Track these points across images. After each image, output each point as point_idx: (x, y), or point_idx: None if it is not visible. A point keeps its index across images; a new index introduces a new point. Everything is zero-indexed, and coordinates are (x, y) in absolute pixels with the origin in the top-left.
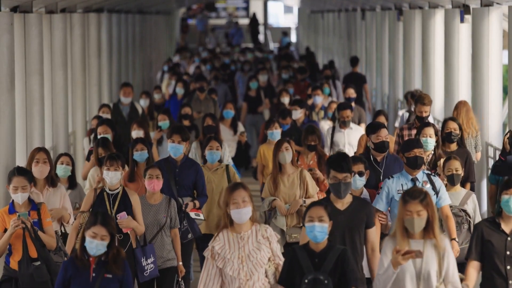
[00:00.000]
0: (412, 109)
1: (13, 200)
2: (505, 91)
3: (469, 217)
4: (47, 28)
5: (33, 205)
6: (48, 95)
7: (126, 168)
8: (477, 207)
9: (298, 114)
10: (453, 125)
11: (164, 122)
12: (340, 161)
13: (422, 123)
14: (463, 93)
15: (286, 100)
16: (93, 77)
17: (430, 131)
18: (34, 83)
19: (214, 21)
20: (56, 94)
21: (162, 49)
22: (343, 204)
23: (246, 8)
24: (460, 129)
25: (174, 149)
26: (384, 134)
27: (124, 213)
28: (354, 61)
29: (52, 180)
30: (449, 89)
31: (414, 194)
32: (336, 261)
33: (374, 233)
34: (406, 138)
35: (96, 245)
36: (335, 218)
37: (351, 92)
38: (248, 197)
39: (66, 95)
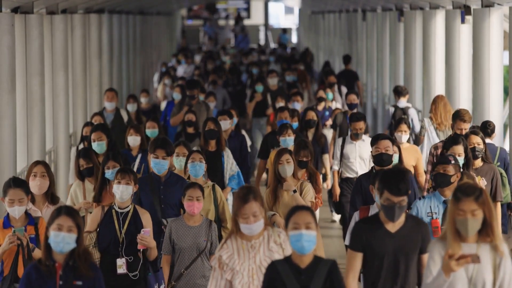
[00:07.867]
0: (398, 104)
1: (8, 213)
2: (505, 91)
3: None
4: (48, 29)
5: (30, 219)
6: (48, 96)
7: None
8: None
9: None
10: (476, 140)
11: (153, 130)
12: (397, 183)
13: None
14: (464, 93)
15: (280, 105)
16: (94, 78)
17: (459, 149)
18: (35, 84)
19: (220, 22)
20: (57, 95)
21: (163, 50)
22: (394, 225)
23: (247, 9)
24: (484, 142)
25: (158, 165)
26: (383, 146)
27: (149, 229)
28: (346, 59)
29: (52, 197)
30: (450, 90)
31: (467, 191)
32: (326, 277)
33: None
34: None
35: (63, 238)
36: (383, 241)
37: (353, 98)
38: (259, 209)
39: (67, 96)
